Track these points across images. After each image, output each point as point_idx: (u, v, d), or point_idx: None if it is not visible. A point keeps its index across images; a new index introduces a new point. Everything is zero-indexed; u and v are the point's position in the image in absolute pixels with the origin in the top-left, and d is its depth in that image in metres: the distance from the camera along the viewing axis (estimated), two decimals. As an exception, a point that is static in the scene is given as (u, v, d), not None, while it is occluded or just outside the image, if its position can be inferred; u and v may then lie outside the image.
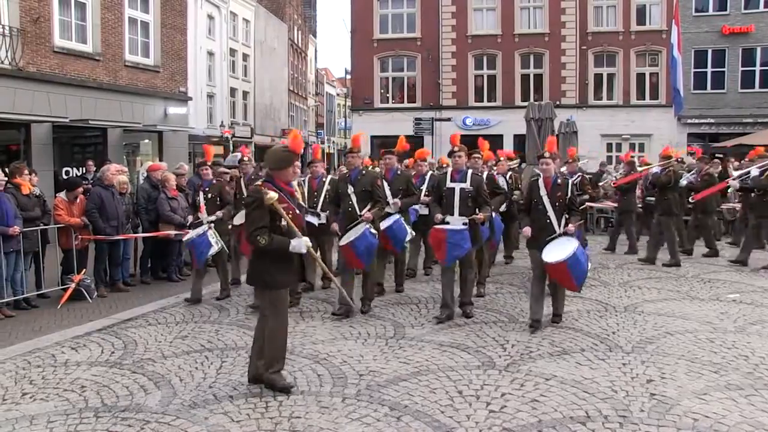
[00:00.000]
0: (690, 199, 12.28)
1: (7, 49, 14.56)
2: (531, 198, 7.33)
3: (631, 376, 5.51)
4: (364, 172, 7.89)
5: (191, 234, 8.46)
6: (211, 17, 35.65)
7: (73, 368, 5.86)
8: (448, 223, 7.31)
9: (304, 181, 9.00)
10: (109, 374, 5.71)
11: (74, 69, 16.54)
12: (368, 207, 7.60)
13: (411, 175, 9.80)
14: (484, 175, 8.48)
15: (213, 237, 8.42)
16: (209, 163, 9.47)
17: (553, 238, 7.02)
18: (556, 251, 6.84)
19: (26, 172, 8.94)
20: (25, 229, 8.17)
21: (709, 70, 29.12)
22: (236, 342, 6.69)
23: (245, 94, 40.74)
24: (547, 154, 7.31)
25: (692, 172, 12.81)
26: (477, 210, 7.47)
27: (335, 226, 7.81)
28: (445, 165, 14.37)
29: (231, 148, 32.93)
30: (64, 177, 15.18)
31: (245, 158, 9.86)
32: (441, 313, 7.47)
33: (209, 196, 8.75)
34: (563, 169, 10.17)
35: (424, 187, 9.73)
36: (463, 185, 7.40)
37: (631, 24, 29.53)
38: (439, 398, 5.02)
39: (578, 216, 7.41)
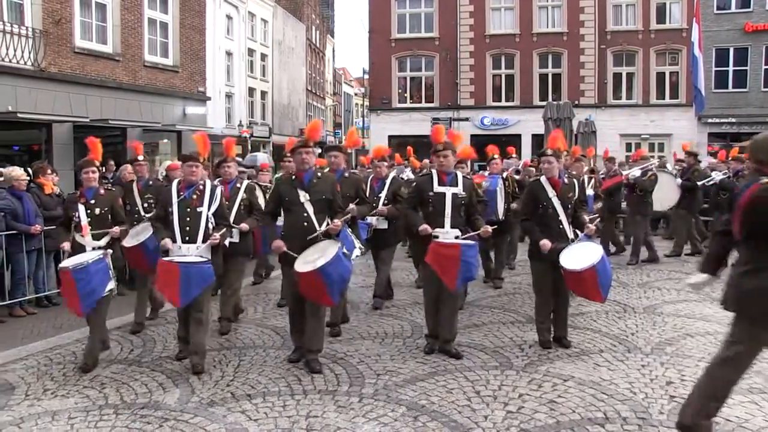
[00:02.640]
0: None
1: (30, 51, 14.76)
2: (536, 202, 6.32)
3: (650, 377, 5.47)
4: (319, 174, 6.00)
5: (76, 260, 5.81)
6: (229, 17, 35.84)
7: (93, 366, 5.92)
8: (437, 237, 6.01)
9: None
10: (128, 372, 5.76)
11: (94, 69, 16.72)
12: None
13: (362, 178, 8.18)
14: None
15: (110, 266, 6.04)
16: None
17: (564, 246, 6.13)
18: (577, 258, 5.95)
19: (49, 171, 9.04)
20: (46, 228, 8.26)
21: (730, 68, 28.75)
22: (254, 341, 6.72)
23: (263, 93, 40.93)
24: (549, 152, 6.43)
25: (719, 172, 12.66)
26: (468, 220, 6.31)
27: (279, 244, 5.71)
28: (418, 168, 13.39)
29: (249, 147, 33.11)
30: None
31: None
32: (429, 345, 6.27)
33: (97, 210, 6.14)
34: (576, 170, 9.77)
35: (383, 194, 8.02)
36: (455, 190, 6.11)
37: (650, 23, 29.25)
38: (456, 398, 5.01)
39: (596, 216, 7.13)
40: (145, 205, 7.65)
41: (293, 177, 5.90)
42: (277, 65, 42.59)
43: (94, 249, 5.98)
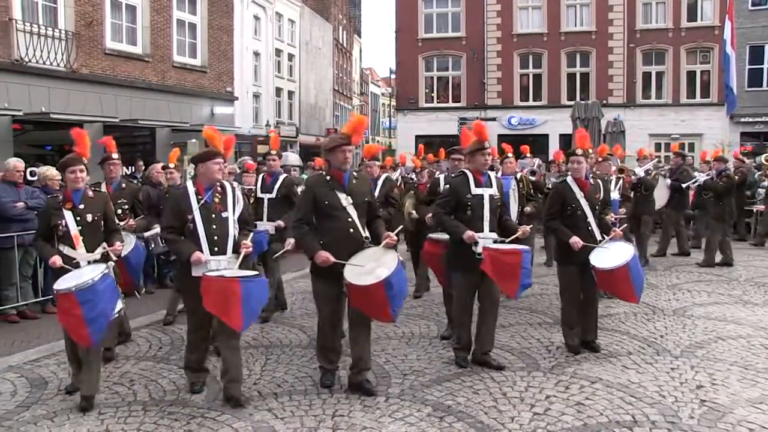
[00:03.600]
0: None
1: (62, 53, 15.04)
2: (564, 204, 6.13)
3: (679, 381, 5.38)
4: (356, 174, 5.57)
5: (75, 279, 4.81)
6: (257, 18, 36.09)
7: (123, 362, 6.00)
8: (476, 243, 5.55)
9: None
10: (157, 369, 5.83)
11: (124, 70, 16.98)
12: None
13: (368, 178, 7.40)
14: (442, 177, 7.15)
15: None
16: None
17: (593, 248, 6.00)
18: (608, 258, 5.85)
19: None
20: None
21: (765, 66, 28.17)
22: (281, 339, 6.76)
23: (290, 93, 41.14)
24: (579, 151, 6.22)
25: (702, 173, 12.70)
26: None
27: (326, 256, 4.96)
28: (419, 167, 12.17)
29: (276, 147, 33.27)
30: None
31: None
32: (462, 359, 5.85)
33: (89, 217, 5.24)
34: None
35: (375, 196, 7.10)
36: (491, 191, 5.73)
37: (681, 20, 28.82)
38: (482, 399, 4.99)
39: (623, 216, 6.97)
40: (119, 211, 6.52)
41: (328, 178, 5.18)
42: (304, 65, 42.79)
43: (89, 263, 5.05)
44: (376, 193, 7.37)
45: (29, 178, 8.47)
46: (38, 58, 14.55)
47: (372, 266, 4.88)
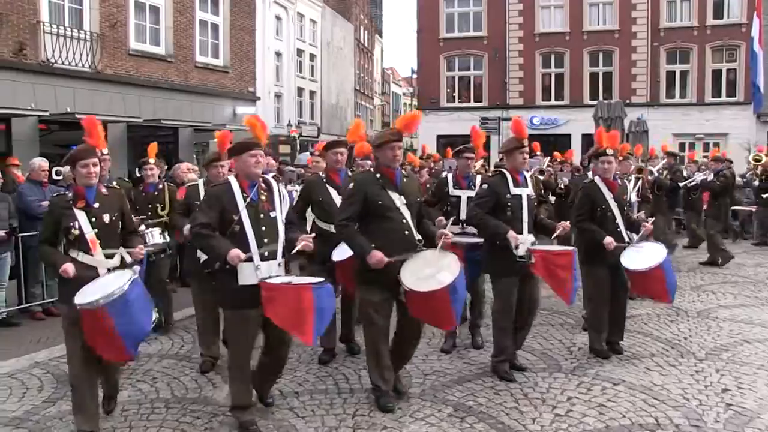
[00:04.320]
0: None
1: (87, 54, 15.24)
2: (594, 205, 5.98)
3: (704, 384, 5.32)
4: (405, 173, 5.32)
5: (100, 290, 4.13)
6: (278, 18, 36.26)
7: (145, 360, 6.06)
8: (518, 246, 5.27)
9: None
10: (179, 367, 5.88)
11: (148, 71, 17.15)
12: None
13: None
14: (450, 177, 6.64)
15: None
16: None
17: (623, 249, 5.88)
18: (640, 259, 5.74)
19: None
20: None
21: (793, 65, 27.73)
22: (301, 338, 6.77)
23: (312, 93, 41.29)
24: (609, 151, 6.10)
25: (701, 173, 12.60)
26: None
27: (380, 256, 4.63)
28: (417, 166, 11.30)
29: (298, 147, 33.45)
30: (138, 175, 15.71)
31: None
32: (505, 371, 5.54)
33: (106, 217, 4.48)
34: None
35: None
36: (528, 191, 5.52)
37: (707, 18, 28.40)
38: (503, 400, 4.97)
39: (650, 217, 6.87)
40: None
41: (378, 176, 4.82)
42: (326, 65, 42.90)
43: (109, 271, 4.37)
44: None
45: (54, 177, 8.56)
46: (64, 60, 14.77)
47: (431, 270, 4.60)
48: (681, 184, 12.18)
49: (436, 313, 4.61)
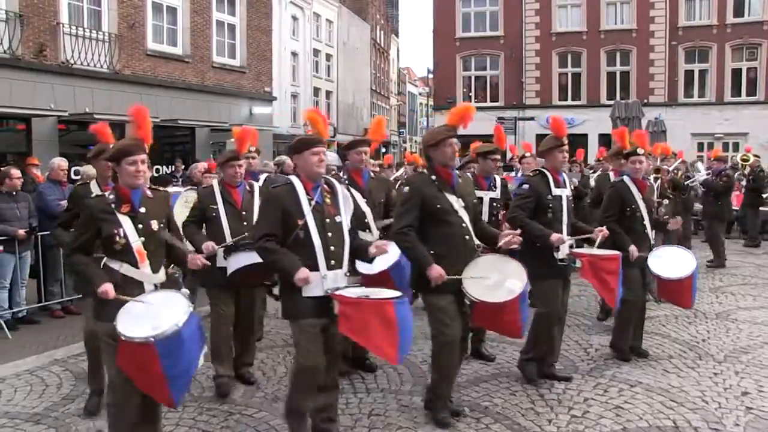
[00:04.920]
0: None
1: (105, 54, 15.40)
2: (623, 205, 5.82)
3: (723, 387, 5.26)
4: (459, 173, 4.93)
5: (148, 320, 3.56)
6: (295, 18, 36.36)
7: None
8: (558, 249, 5.09)
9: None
10: (196, 365, 5.89)
11: (165, 71, 17.30)
12: None
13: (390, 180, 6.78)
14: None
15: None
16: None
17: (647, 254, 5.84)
18: (669, 265, 5.71)
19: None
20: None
21: (815, 63, 27.38)
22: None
23: (328, 93, 41.37)
24: (641, 150, 5.95)
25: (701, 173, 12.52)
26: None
27: (440, 271, 4.29)
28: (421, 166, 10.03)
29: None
30: (155, 175, 15.83)
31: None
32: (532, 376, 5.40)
33: (154, 224, 3.90)
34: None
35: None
36: (567, 192, 5.34)
37: (726, 16, 28.11)
38: (519, 401, 4.95)
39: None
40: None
41: (433, 177, 4.48)
42: (342, 65, 42.96)
43: (155, 288, 3.83)
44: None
45: (73, 177, 8.66)
46: (83, 60, 14.94)
47: (498, 278, 4.34)
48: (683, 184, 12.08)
49: (505, 324, 4.42)
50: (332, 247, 3.92)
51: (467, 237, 4.46)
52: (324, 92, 40.65)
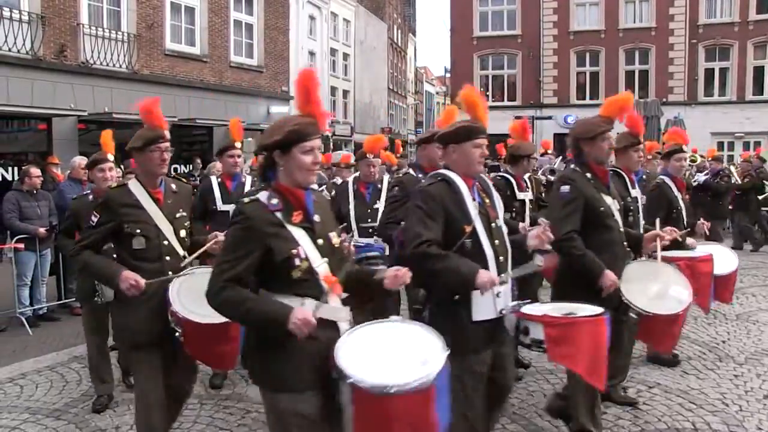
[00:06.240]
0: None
1: (125, 54, 15.54)
2: (670, 208, 5.39)
3: (744, 389, 5.19)
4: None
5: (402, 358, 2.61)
6: (312, 18, 36.43)
7: (181, 356, 6.12)
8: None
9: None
10: (213, 364, 5.92)
11: (183, 71, 17.41)
12: None
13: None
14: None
15: None
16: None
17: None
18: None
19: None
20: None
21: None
22: (333, 337, 6.78)
23: (345, 92, 41.41)
24: (685, 147, 5.65)
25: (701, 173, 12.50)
26: None
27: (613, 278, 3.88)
28: (395, 165, 9.80)
29: (331, 146, 33.60)
30: (173, 174, 15.95)
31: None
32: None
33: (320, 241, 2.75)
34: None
35: (380, 205, 5.68)
36: (638, 194, 4.96)
37: (749, 13, 27.73)
38: (536, 401, 4.92)
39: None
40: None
41: (588, 176, 3.99)
42: (359, 64, 42.99)
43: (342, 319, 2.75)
44: (381, 202, 5.68)
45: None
46: (102, 60, 15.08)
47: (658, 287, 3.96)
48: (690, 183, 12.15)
49: (665, 336, 4.05)
50: (500, 257, 3.23)
51: (625, 243, 4.06)
52: (341, 91, 40.70)
